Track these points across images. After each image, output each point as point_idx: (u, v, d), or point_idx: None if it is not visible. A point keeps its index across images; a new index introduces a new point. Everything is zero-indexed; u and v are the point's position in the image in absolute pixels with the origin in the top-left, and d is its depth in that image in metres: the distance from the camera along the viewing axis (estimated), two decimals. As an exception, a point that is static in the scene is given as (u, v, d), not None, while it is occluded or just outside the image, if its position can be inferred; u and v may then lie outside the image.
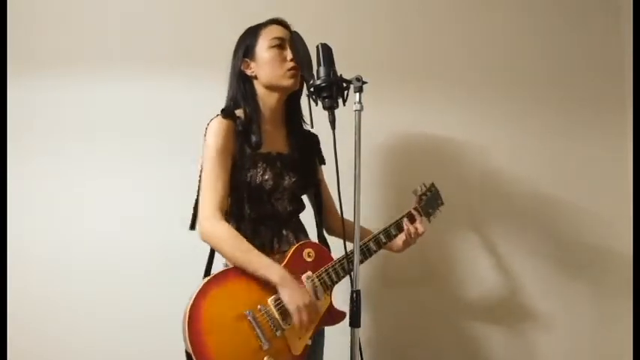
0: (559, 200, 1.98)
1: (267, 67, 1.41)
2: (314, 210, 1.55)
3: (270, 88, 1.43)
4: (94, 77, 1.95)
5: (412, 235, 1.52)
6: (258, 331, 1.25)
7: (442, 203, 1.72)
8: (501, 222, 1.97)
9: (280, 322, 1.29)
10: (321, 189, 1.56)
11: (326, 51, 1.26)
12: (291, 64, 1.42)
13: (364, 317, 1.20)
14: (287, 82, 1.43)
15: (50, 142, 1.94)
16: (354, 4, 2.02)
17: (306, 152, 1.52)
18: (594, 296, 1.94)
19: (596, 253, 1.96)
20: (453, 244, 1.97)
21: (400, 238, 1.52)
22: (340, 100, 1.25)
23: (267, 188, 1.38)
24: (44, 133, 1.95)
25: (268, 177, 1.38)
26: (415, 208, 1.59)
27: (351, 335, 1.18)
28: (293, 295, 1.28)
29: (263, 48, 1.42)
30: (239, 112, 1.41)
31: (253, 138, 1.39)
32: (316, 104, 1.26)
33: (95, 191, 1.93)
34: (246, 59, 1.44)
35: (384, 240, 1.49)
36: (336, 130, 1.20)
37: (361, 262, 1.42)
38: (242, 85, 1.44)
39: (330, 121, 1.23)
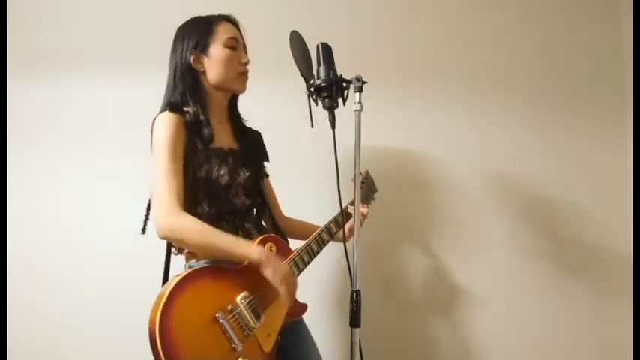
0: (559, 200, 1.98)
1: (220, 66, 1.38)
2: (259, 207, 1.51)
3: (218, 87, 1.40)
4: (95, 78, 1.95)
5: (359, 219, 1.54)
6: (230, 332, 1.18)
7: (376, 190, 1.76)
8: (501, 222, 1.97)
9: (251, 320, 1.23)
10: (266, 185, 1.54)
11: (326, 50, 1.26)
12: (243, 68, 1.41)
13: (364, 317, 1.19)
14: (237, 85, 1.42)
15: (50, 142, 1.94)
16: (355, 4, 2.02)
17: (253, 148, 1.50)
18: (594, 296, 1.94)
19: (596, 253, 1.96)
20: (452, 244, 1.97)
21: (347, 227, 1.52)
22: (340, 100, 1.25)
23: (223, 184, 1.33)
24: (44, 133, 1.95)
25: (224, 172, 1.33)
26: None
27: (351, 335, 1.18)
28: (277, 269, 1.24)
29: (218, 45, 1.38)
30: (186, 107, 1.35)
31: (205, 132, 1.33)
32: (316, 104, 1.27)
33: (95, 191, 1.93)
34: (197, 52, 1.38)
35: (327, 237, 1.47)
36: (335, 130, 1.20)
37: (308, 262, 1.41)
38: (190, 79, 1.37)
39: (330, 121, 1.23)
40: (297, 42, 1.29)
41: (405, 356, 1.93)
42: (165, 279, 1.35)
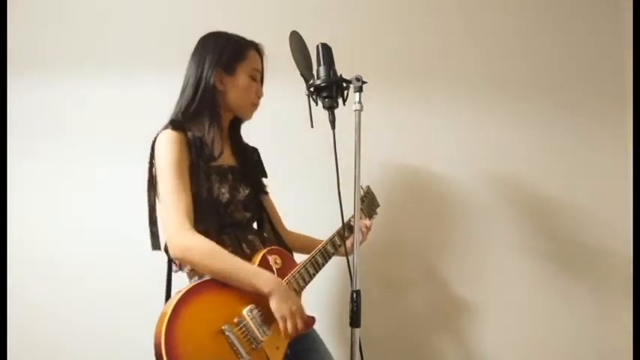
0: (559, 200, 1.98)
1: (240, 93, 1.40)
2: (260, 221, 1.50)
3: (229, 109, 1.42)
4: (95, 78, 1.96)
5: (363, 231, 1.54)
6: (237, 346, 1.17)
7: (378, 205, 1.75)
8: (501, 222, 1.97)
9: (258, 333, 1.22)
10: (266, 200, 1.54)
11: (326, 51, 1.26)
12: (257, 101, 1.45)
13: (364, 317, 1.19)
14: (247, 115, 1.46)
15: (50, 142, 1.95)
16: (355, 4, 2.02)
17: (252, 165, 1.51)
18: (594, 296, 1.94)
19: (596, 253, 1.95)
20: (452, 244, 1.97)
21: (349, 242, 1.46)
22: (340, 100, 1.25)
23: (223, 201, 1.34)
24: (44, 133, 1.95)
25: (224, 190, 1.35)
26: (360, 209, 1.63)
27: (351, 335, 1.18)
28: (280, 305, 1.22)
29: (244, 73, 1.40)
30: (192, 125, 1.35)
31: (208, 150, 1.33)
32: (316, 104, 1.27)
33: (95, 191, 1.93)
34: (222, 72, 1.38)
35: (331, 250, 1.45)
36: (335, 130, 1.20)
37: (313, 274, 1.39)
38: (209, 96, 1.37)
39: (330, 121, 1.24)
40: (297, 42, 1.29)
41: (405, 356, 1.93)
42: (168, 294, 1.32)
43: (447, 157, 1.98)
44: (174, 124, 1.33)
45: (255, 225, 1.48)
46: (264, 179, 1.54)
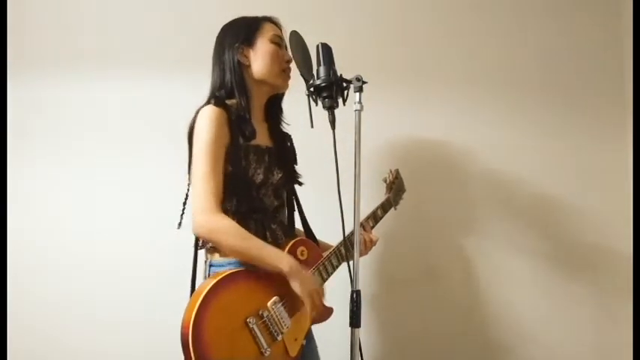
0: (559, 200, 1.98)
1: (266, 60, 1.39)
2: (289, 208, 1.51)
3: (262, 82, 1.41)
4: (95, 77, 1.96)
5: (367, 245, 1.52)
6: (260, 337, 1.21)
7: (405, 190, 1.77)
8: (501, 222, 1.97)
9: (280, 326, 1.26)
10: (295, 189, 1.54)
11: (326, 50, 1.26)
12: (286, 65, 1.43)
13: (364, 317, 1.19)
14: (279, 80, 1.43)
15: (50, 142, 1.95)
16: (354, 4, 2.02)
17: (287, 149, 1.51)
18: (594, 296, 1.94)
19: (596, 253, 1.96)
20: (453, 244, 1.97)
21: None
22: (340, 100, 1.25)
23: (257, 182, 1.34)
24: (44, 133, 1.95)
25: (260, 171, 1.35)
26: (387, 199, 1.66)
27: (351, 335, 1.18)
28: (304, 283, 1.27)
29: (264, 40, 1.41)
30: (229, 102, 1.36)
31: (248, 128, 1.34)
32: (316, 104, 1.27)
33: (95, 191, 1.93)
34: (243, 46, 1.40)
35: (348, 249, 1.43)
36: (335, 130, 1.20)
37: (336, 266, 1.41)
38: (237, 73, 1.38)
39: (330, 121, 1.23)
40: (297, 42, 1.29)
41: (405, 356, 1.93)
42: (194, 272, 1.35)
43: (446, 158, 1.98)
44: (217, 99, 1.34)
45: (281, 213, 1.47)
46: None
